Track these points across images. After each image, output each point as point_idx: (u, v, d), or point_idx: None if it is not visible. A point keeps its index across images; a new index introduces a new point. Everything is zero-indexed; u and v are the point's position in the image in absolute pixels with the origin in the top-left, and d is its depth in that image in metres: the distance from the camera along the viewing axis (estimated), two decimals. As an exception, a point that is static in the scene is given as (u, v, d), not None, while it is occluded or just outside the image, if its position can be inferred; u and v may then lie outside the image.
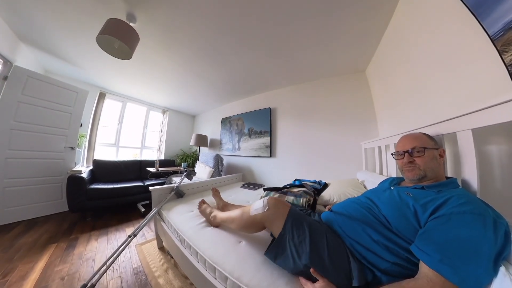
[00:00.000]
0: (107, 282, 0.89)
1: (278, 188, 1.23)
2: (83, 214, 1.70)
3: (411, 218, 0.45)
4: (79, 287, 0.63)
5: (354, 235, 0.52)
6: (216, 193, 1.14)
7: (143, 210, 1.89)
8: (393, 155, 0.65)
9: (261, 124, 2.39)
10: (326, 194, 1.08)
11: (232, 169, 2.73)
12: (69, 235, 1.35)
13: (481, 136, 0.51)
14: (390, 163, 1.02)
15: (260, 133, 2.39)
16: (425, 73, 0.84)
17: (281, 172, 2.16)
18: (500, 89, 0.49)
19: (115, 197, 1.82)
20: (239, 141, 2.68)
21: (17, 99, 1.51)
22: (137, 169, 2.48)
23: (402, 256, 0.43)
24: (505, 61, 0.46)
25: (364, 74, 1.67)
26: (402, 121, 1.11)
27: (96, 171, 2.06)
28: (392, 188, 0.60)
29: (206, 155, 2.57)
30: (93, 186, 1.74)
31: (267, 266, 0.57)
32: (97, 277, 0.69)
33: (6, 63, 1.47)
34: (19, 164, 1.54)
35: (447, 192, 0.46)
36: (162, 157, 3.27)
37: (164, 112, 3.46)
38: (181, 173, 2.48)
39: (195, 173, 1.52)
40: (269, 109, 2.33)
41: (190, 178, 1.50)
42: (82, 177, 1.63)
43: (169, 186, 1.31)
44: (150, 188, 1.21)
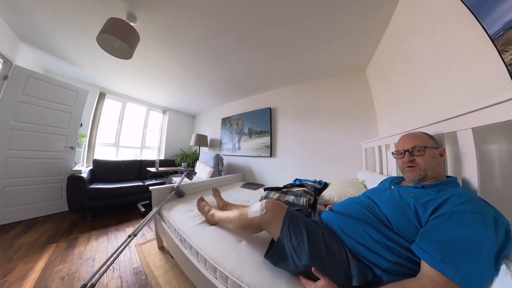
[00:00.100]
0: (107, 282, 0.89)
1: (278, 187, 1.23)
2: (83, 214, 1.69)
3: (412, 217, 0.44)
4: (79, 287, 0.63)
5: (354, 234, 0.52)
6: (216, 193, 1.14)
7: (143, 210, 1.89)
8: (393, 154, 0.65)
9: (261, 124, 2.39)
10: (326, 193, 1.08)
11: (232, 169, 2.73)
12: (69, 235, 1.35)
13: (481, 135, 0.51)
14: (390, 163, 1.02)
15: (260, 133, 2.39)
16: (425, 72, 0.84)
17: (281, 172, 2.16)
18: (500, 88, 0.49)
19: (115, 197, 1.82)
20: (239, 141, 2.68)
21: (17, 99, 1.51)
22: (137, 169, 2.48)
23: (403, 255, 0.43)
24: (505, 60, 0.46)
25: (364, 74, 1.68)
26: (402, 120, 1.11)
27: (96, 171, 2.06)
28: (392, 187, 0.60)
29: (206, 155, 2.57)
30: (93, 186, 1.74)
31: (267, 265, 0.57)
32: (97, 277, 0.69)
33: (6, 62, 1.47)
34: (19, 163, 1.54)
35: (447, 191, 0.46)
36: (162, 157, 3.27)
37: (164, 112, 3.45)
38: (181, 173, 2.48)
39: (195, 173, 1.52)
40: (269, 109, 2.33)
41: (190, 178, 1.50)
42: (82, 177, 1.63)
43: (169, 186, 1.31)
44: (150, 188, 1.21)
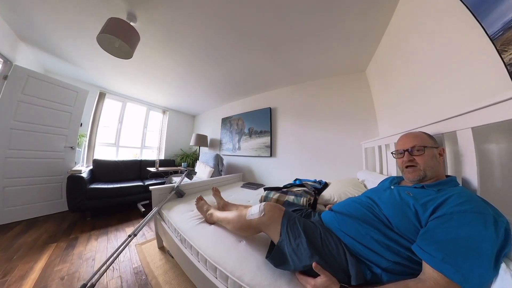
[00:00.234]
0: (107, 282, 0.89)
1: (278, 187, 1.23)
2: (83, 213, 1.69)
3: (412, 217, 0.45)
4: (79, 287, 0.63)
5: (354, 234, 0.52)
6: (216, 193, 1.14)
7: (143, 210, 1.89)
8: (393, 154, 0.65)
9: (261, 124, 2.39)
10: (326, 193, 1.08)
11: (232, 169, 2.73)
12: (69, 234, 1.35)
13: (481, 134, 0.51)
14: (390, 162, 1.02)
15: (260, 133, 2.40)
16: (425, 72, 0.84)
17: (281, 171, 2.16)
18: (499, 88, 0.49)
19: (115, 197, 1.82)
20: (239, 141, 2.68)
21: (17, 99, 1.51)
22: (137, 169, 2.48)
23: (403, 255, 0.43)
24: (505, 60, 0.46)
25: (364, 73, 1.68)
26: (402, 120, 1.12)
27: (96, 170, 2.06)
28: (392, 187, 0.60)
29: (206, 155, 2.57)
30: (93, 185, 1.74)
31: (268, 265, 0.57)
32: (97, 277, 0.69)
33: (6, 62, 1.47)
34: (19, 163, 1.54)
35: (447, 191, 0.46)
36: (162, 157, 3.27)
37: (164, 112, 3.45)
38: (181, 172, 2.48)
39: (195, 173, 1.52)
40: (269, 109, 2.33)
41: (190, 177, 1.50)
42: (82, 177, 1.63)
43: (169, 185, 1.31)
44: (150, 187, 1.21)
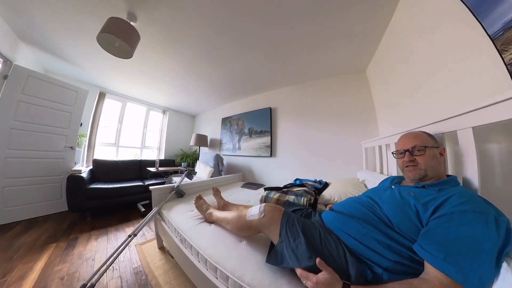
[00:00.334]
0: (107, 282, 0.89)
1: (279, 187, 1.23)
2: (82, 213, 1.69)
3: (413, 217, 0.44)
4: (79, 287, 0.63)
5: (355, 234, 0.52)
6: (216, 193, 1.14)
7: (143, 210, 1.89)
8: (393, 154, 0.65)
9: (261, 124, 2.39)
10: (327, 193, 1.08)
11: (232, 169, 2.72)
12: (69, 234, 1.35)
13: (482, 134, 0.51)
14: (390, 162, 1.02)
15: (260, 133, 2.39)
16: (425, 72, 0.84)
17: (281, 171, 2.16)
18: (499, 87, 0.49)
19: (115, 197, 1.82)
20: (239, 141, 2.68)
21: (17, 98, 1.51)
22: (137, 169, 2.48)
23: (404, 254, 0.43)
24: (505, 60, 0.46)
25: (364, 73, 1.68)
26: (402, 120, 1.12)
27: (96, 170, 2.06)
28: (393, 187, 0.60)
29: (206, 155, 2.57)
30: (93, 185, 1.74)
31: (268, 265, 0.57)
32: (97, 277, 0.69)
33: (6, 62, 1.47)
34: (19, 163, 1.54)
35: (447, 190, 0.46)
36: (162, 157, 3.27)
37: (164, 112, 3.45)
38: (181, 172, 2.48)
39: (195, 173, 1.52)
40: (270, 109, 2.33)
41: (190, 177, 1.50)
42: (82, 177, 1.63)
43: (169, 185, 1.31)
44: (150, 187, 1.20)
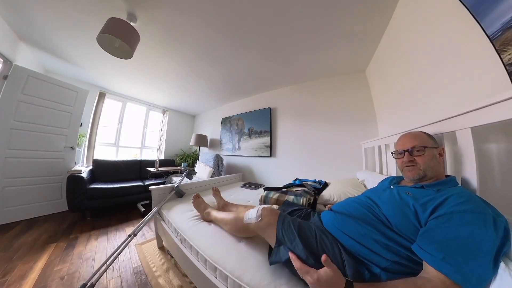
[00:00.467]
0: (107, 281, 0.89)
1: (278, 187, 1.23)
2: (82, 213, 1.69)
3: (412, 217, 0.45)
4: (79, 286, 0.63)
5: (354, 234, 0.52)
6: (216, 193, 1.14)
7: (143, 210, 1.89)
8: (393, 154, 0.65)
9: (261, 124, 2.39)
10: (326, 193, 1.08)
11: (232, 169, 2.73)
12: (69, 234, 1.35)
13: (480, 134, 0.51)
14: (390, 162, 1.02)
15: (260, 133, 2.40)
16: (424, 72, 0.84)
17: (281, 171, 2.16)
18: (498, 87, 0.49)
19: (115, 197, 1.82)
20: (239, 141, 2.68)
21: (17, 99, 1.51)
22: (137, 169, 2.48)
23: (402, 254, 0.43)
24: (504, 60, 0.46)
25: (364, 74, 1.68)
26: (402, 120, 1.12)
27: (96, 170, 2.06)
28: (392, 187, 0.60)
29: (206, 155, 2.57)
30: (93, 185, 1.74)
31: (268, 264, 0.57)
32: (96, 276, 0.69)
33: (6, 62, 1.47)
34: (19, 163, 1.54)
35: (446, 190, 0.46)
36: (162, 157, 3.27)
37: (164, 112, 3.45)
38: (181, 172, 2.48)
39: (195, 173, 1.52)
40: (269, 109, 2.33)
41: (190, 177, 1.50)
42: (82, 177, 1.63)
43: (169, 185, 1.31)
44: (150, 187, 1.21)
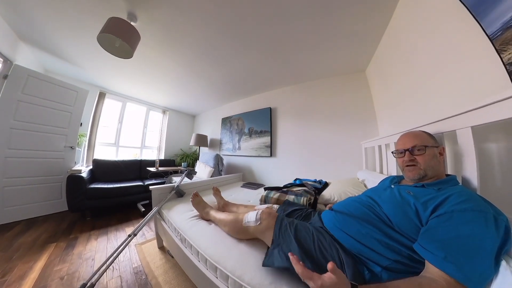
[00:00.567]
0: (107, 281, 0.89)
1: (278, 187, 1.23)
2: (82, 213, 1.69)
3: (413, 216, 0.45)
4: (79, 286, 0.63)
5: (355, 233, 0.52)
6: (217, 192, 1.14)
7: (143, 209, 1.89)
8: (393, 153, 0.65)
9: (261, 123, 2.39)
10: (326, 193, 1.08)
11: (232, 169, 2.72)
12: (69, 234, 1.35)
13: (481, 133, 0.51)
14: (390, 162, 1.02)
15: (260, 133, 2.40)
16: (424, 72, 0.84)
17: (281, 171, 2.16)
18: (498, 87, 0.49)
19: (115, 197, 1.82)
20: (239, 141, 2.68)
21: (17, 98, 1.51)
22: (137, 169, 2.48)
23: (403, 253, 0.43)
24: (504, 60, 0.46)
25: (364, 73, 1.68)
26: (402, 120, 1.12)
27: (96, 170, 2.05)
28: (392, 186, 0.60)
29: (206, 155, 2.57)
30: (92, 185, 1.74)
31: (268, 264, 0.57)
32: (96, 276, 0.69)
33: (6, 62, 1.47)
34: (19, 163, 1.54)
35: (447, 189, 0.46)
36: (162, 157, 3.27)
37: (164, 112, 3.45)
38: (181, 172, 2.48)
39: (195, 172, 1.52)
40: (269, 108, 2.34)
41: (190, 177, 1.50)
42: (81, 177, 1.63)
43: (169, 185, 1.31)
44: (150, 187, 1.20)
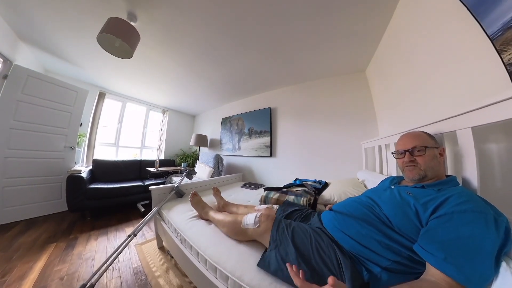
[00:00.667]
0: (107, 282, 0.89)
1: (278, 187, 1.23)
2: (82, 213, 1.69)
3: (413, 217, 0.45)
4: (79, 287, 0.63)
5: (354, 234, 0.52)
6: (216, 193, 1.14)
7: (143, 210, 1.89)
8: (393, 154, 0.65)
9: (261, 124, 2.39)
10: (326, 193, 1.08)
11: (232, 169, 2.72)
12: (69, 234, 1.35)
13: (481, 134, 0.51)
14: (390, 162, 1.02)
15: (260, 133, 2.40)
16: (425, 72, 0.84)
17: (281, 171, 2.16)
18: (499, 87, 0.49)
19: (114, 197, 1.82)
20: (239, 141, 2.68)
21: (17, 98, 1.51)
22: (137, 169, 2.48)
23: (403, 254, 0.43)
24: (504, 60, 0.46)
25: (364, 74, 1.68)
26: (402, 120, 1.12)
27: (95, 170, 2.05)
28: (392, 187, 0.60)
29: (206, 155, 2.57)
30: (92, 185, 1.74)
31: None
32: (96, 277, 0.69)
33: (6, 62, 1.47)
34: (19, 163, 1.54)
35: (447, 190, 0.46)
36: (162, 157, 3.27)
37: (164, 112, 3.45)
38: (181, 172, 2.48)
39: (195, 173, 1.52)
40: (269, 109, 2.33)
41: (190, 177, 1.50)
42: (81, 177, 1.63)
43: (169, 185, 1.31)
44: (150, 187, 1.20)
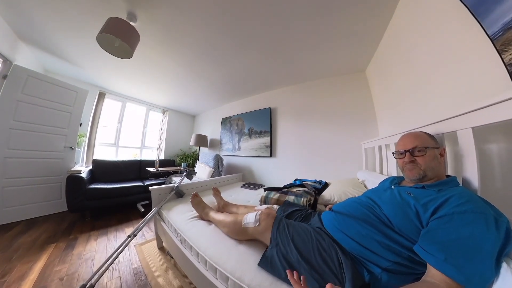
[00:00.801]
0: (107, 282, 0.89)
1: (278, 188, 1.23)
2: (82, 214, 1.69)
3: (413, 217, 0.44)
4: (78, 287, 0.63)
5: (354, 234, 0.52)
6: (216, 193, 1.14)
7: (143, 210, 1.88)
8: (393, 154, 0.65)
9: (261, 124, 2.39)
10: (326, 193, 1.08)
11: (232, 169, 2.72)
12: (68, 235, 1.35)
13: (482, 134, 0.51)
14: (390, 163, 1.02)
15: (260, 133, 2.39)
16: (425, 72, 0.84)
17: (281, 172, 2.16)
18: (499, 88, 0.49)
19: (114, 197, 1.82)
20: (239, 141, 2.68)
21: (17, 98, 1.51)
22: (136, 169, 2.48)
23: (404, 255, 0.43)
24: (504, 60, 0.46)
25: (364, 74, 1.68)
26: (402, 120, 1.12)
27: (95, 171, 2.05)
28: (393, 187, 0.60)
29: (206, 155, 2.57)
30: (92, 186, 1.73)
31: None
32: (96, 277, 0.69)
33: (5, 62, 1.47)
34: (18, 163, 1.54)
35: (447, 191, 0.46)
36: (162, 157, 3.27)
37: (164, 112, 3.45)
38: (181, 173, 2.48)
39: (195, 173, 1.52)
40: (269, 109, 2.33)
41: (190, 178, 1.50)
42: (81, 177, 1.63)
43: (169, 186, 1.30)
44: (150, 188, 1.20)
